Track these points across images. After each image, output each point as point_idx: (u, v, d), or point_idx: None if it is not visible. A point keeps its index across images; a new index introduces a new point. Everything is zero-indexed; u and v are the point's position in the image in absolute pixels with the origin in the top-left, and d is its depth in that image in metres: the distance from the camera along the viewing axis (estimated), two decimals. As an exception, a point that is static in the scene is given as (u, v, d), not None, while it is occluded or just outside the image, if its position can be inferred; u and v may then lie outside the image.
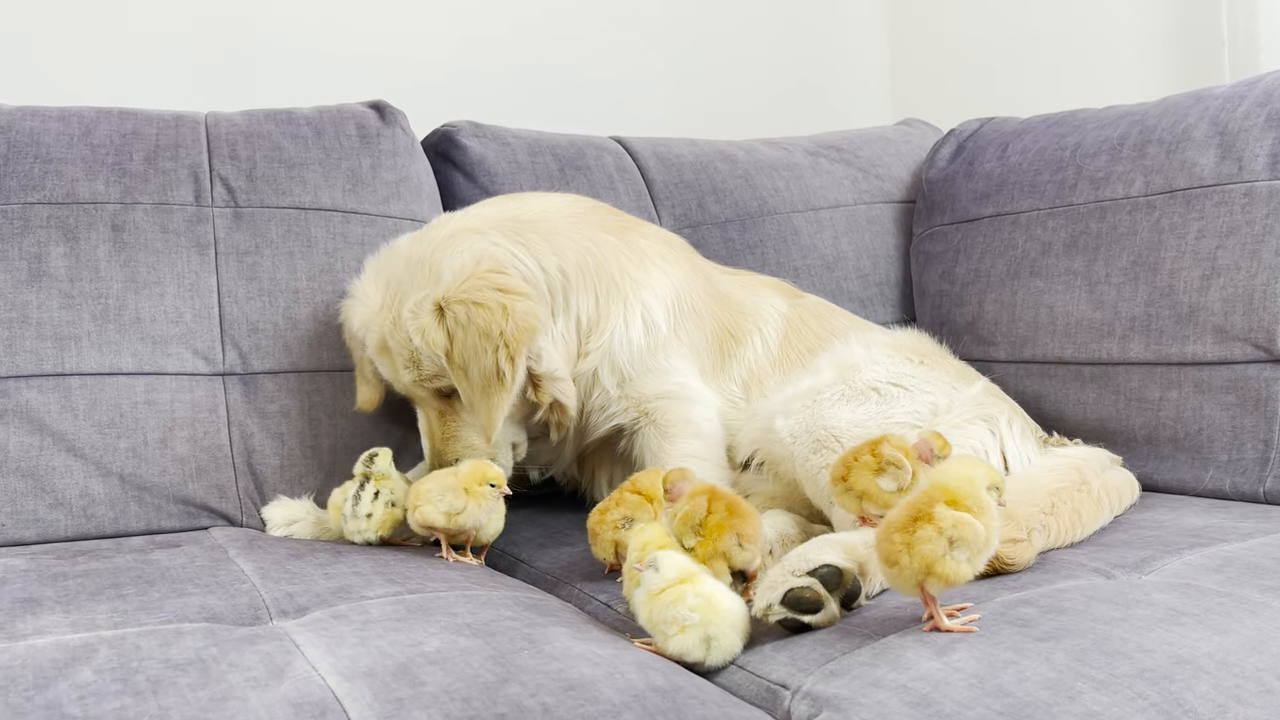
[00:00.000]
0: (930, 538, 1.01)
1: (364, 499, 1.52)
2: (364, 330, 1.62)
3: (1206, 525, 1.39)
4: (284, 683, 0.93)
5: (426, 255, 1.56)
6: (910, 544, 1.01)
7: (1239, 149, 1.70)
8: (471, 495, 1.42)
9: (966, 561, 1.02)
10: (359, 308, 1.63)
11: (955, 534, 1.01)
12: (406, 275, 1.57)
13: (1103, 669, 0.91)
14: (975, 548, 1.02)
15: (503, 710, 0.89)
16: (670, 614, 1.09)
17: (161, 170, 1.78)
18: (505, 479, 1.45)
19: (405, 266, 1.58)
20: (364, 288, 1.64)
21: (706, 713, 0.93)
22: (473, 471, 1.43)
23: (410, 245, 1.62)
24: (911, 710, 0.89)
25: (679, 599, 1.10)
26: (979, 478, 1.04)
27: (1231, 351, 1.63)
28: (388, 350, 1.58)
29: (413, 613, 1.15)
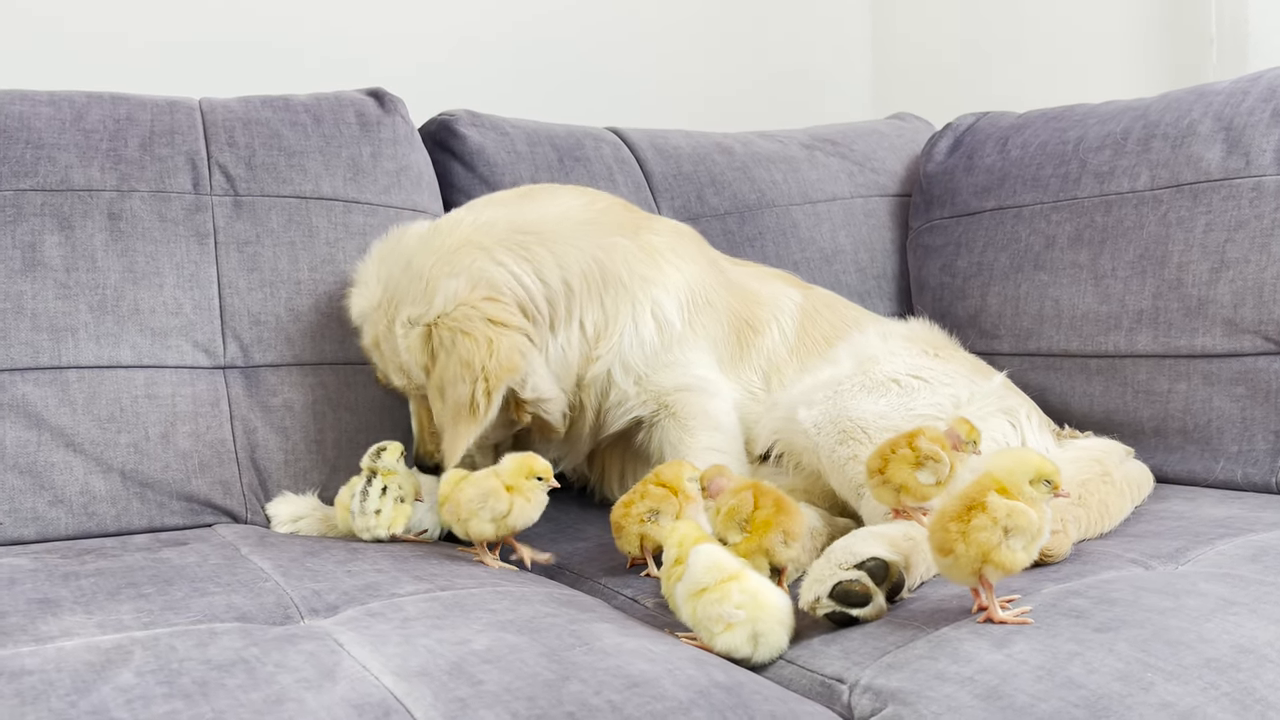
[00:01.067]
0: (986, 526, 1.00)
1: (372, 495, 1.48)
2: (361, 321, 1.63)
3: (1228, 515, 1.40)
4: (337, 683, 0.90)
5: (427, 269, 1.54)
6: (966, 532, 1.01)
7: (1245, 143, 1.72)
8: (517, 492, 1.35)
9: (1022, 550, 1.01)
10: (359, 298, 1.63)
11: (1010, 523, 1.01)
12: (405, 283, 1.55)
13: (1169, 660, 0.91)
14: (1030, 536, 1.01)
15: (570, 709, 0.86)
16: (716, 611, 1.08)
17: (158, 157, 1.73)
18: (552, 471, 1.39)
19: (405, 273, 1.56)
20: (366, 277, 1.63)
21: (773, 708, 0.91)
22: (516, 466, 1.37)
23: (417, 248, 1.59)
24: (983, 704, 0.89)
25: (724, 596, 1.08)
26: (1022, 469, 1.04)
27: (1241, 344, 1.65)
28: (379, 349, 1.60)
29: (450, 610, 1.12)
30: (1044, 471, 1.04)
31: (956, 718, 0.88)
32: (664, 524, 1.35)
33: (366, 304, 1.61)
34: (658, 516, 1.35)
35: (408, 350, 1.53)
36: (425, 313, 1.52)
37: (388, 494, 1.47)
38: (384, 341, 1.58)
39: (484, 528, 1.36)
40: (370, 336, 1.61)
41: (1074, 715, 0.85)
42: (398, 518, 1.48)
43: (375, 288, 1.60)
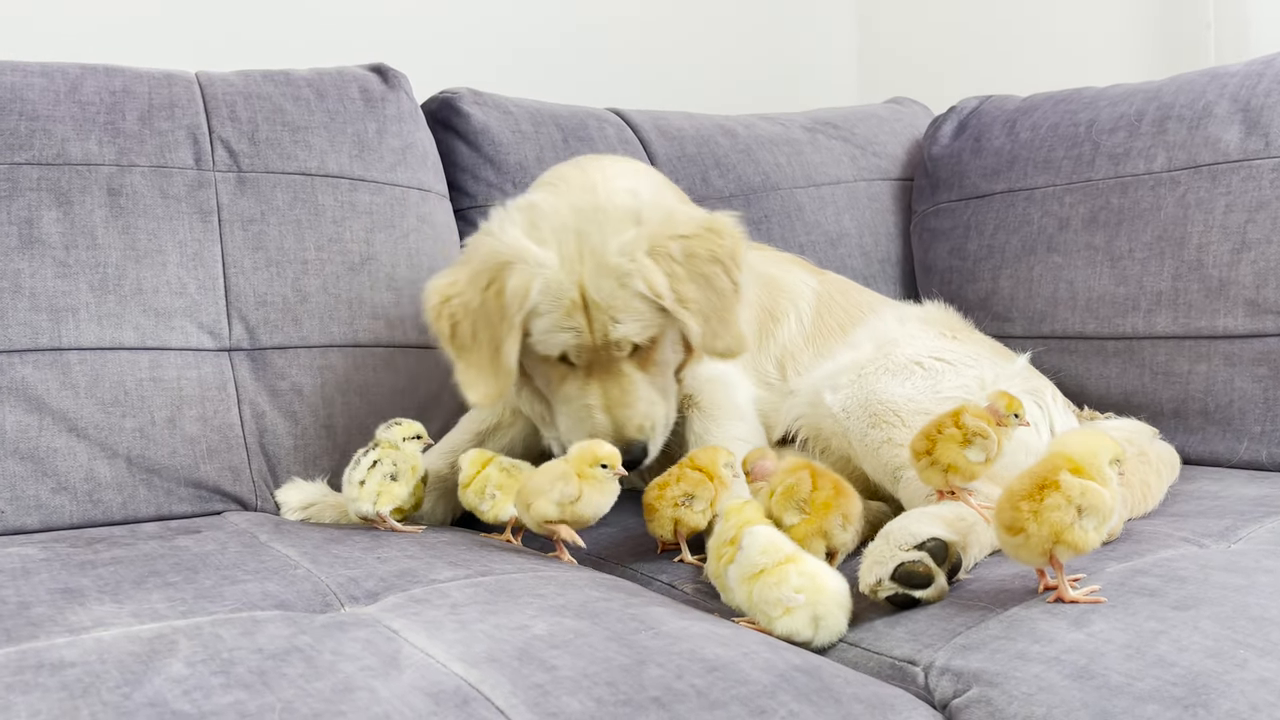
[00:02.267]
0: (1059, 505, 0.98)
1: (361, 465, 1.41)
2: (545, 296, 1.40)
3: (1263, 495, 1.39)
4: (404, 671, 0.85)
5: (605, 202, 1.44)
6: (1038, 511, 0.98)
7: (1264, 124, 1.72)
8: (585, 480, 1.27)
9: (1094, 530, 0.99)
10: (530, 275, 1.40)
11: (1084, 502, 0.98)
12: (592, 226, 1.41)
13: (1258, 636, 0.89)
14: (1102, 516, 0.99)
15: (654, 694, 0.83)
16: (775, 595, 1.05)
17: (158, 131, 1.66)
18: (619, 458, 1.29)
19: (582, 218, 1.43)
20: (523, 254, 1.42)
21: (855, 691, 0.88)
22: (582, 453, 1.28)
23: (571, 199, 1.47)
24: (1075, 683, 0.86)
25: (783, 579, 1.05)
26: (1102, 449, 1.02)
27: (1264, 324, 1.65)
28: (583, 309, 1.40)
29: (497, 596, 1.08)
30: (1118, 453, 1.02)
31: (1049, 698, 0.86)
32: (698, 509, 1.31)
33: (549, 273, 1.40)
34: (692, 501, 1.31)
35: (643, 275, 1.39)
36: (641, 232, 1.40)
37: (378, 468, 1.39)
38: (597, 291, 1.39)
39: (548, 509, 1.28)
40: (569, 302, 1.40)
41: (1173, 693, 0.83)
42: (383, 495, 1.40)
43: (548, 255, 1.41)
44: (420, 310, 1.78)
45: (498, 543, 1.41)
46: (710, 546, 1.17)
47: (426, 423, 1.74)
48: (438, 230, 1.87)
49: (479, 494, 1.47)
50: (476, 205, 1.99)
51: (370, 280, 1.74)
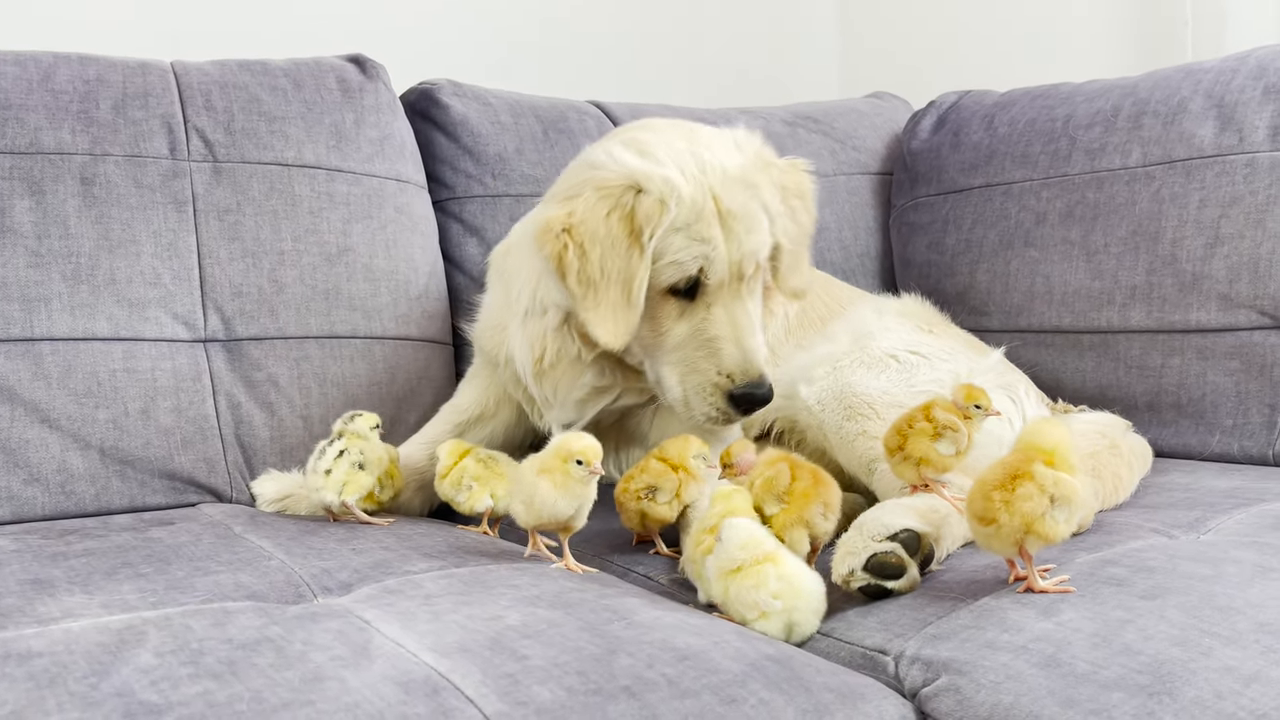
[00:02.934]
0: (1031, 495, 0.99)
1: (327, 455, 1.39)
2: (681, 208, 1.32)
3: (1234, 487, 1.41)
4: (374, 661, 0.85)
5: (704, 134, 1.42)
6: (1010, 501, 0.99)
7: (1238, 121, 1.73)
8: (551, 476, 1.17)
9: (1064, 521, 1.00)
10: (662, 190, 1.32)
11: (1056, 492, 0.99)
12: (704, 150, 1.37)
13: (1222, 625, 0.90)
14: (1074, 507, 1.00)
15: (625, 683, 0.83)
16: (752, 598, 1.04)
17: (132, 120, 1.64)
18: (598, 453, 1.18)
19: (693, 143, 1.38)
20: (648, 173, 1.33)
21: (826, 680, 0.89)
22: (556, 448, 1.18)
23: (668, 133, 1.42)
24: (1042, 672, 0.87)
25: (761, 582, 1.04)
26: (1072, 441, 1.03)
27: (1236, 318, 1.66)
28: (718, 219, 1.33)
29: (471, 587, 1.08)
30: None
31: (1016, 686, 0.86)
32: (662, 501, 1.30)
33: (684, 184, 1.32)
34: (656, 494, 1.30)
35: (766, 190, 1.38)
36: (757, 158, 1.39)
37: (344, 457, 1.38)
38: (734, 197, 1.34)
39: (515, 508, 1.21)
40: (705, 212, 1.33)
41: (1138, 681, 0.84)
42: (350, 484, 1.38)
43: (674, 170, 1.34)
44: (399, 299, 1.78)
45: (474, 534, 1.41)
46: (690, 534, 1.16)
47: (404, 414, 1.76)
48: (416, 221, 1.86)
49: (455, 485, 1.46)
50: (455, 197, 1.99)
51: (347, 271, 1.73)
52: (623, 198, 1.32)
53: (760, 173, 1.39)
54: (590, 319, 1.33)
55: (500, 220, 1.97)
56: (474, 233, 1.97)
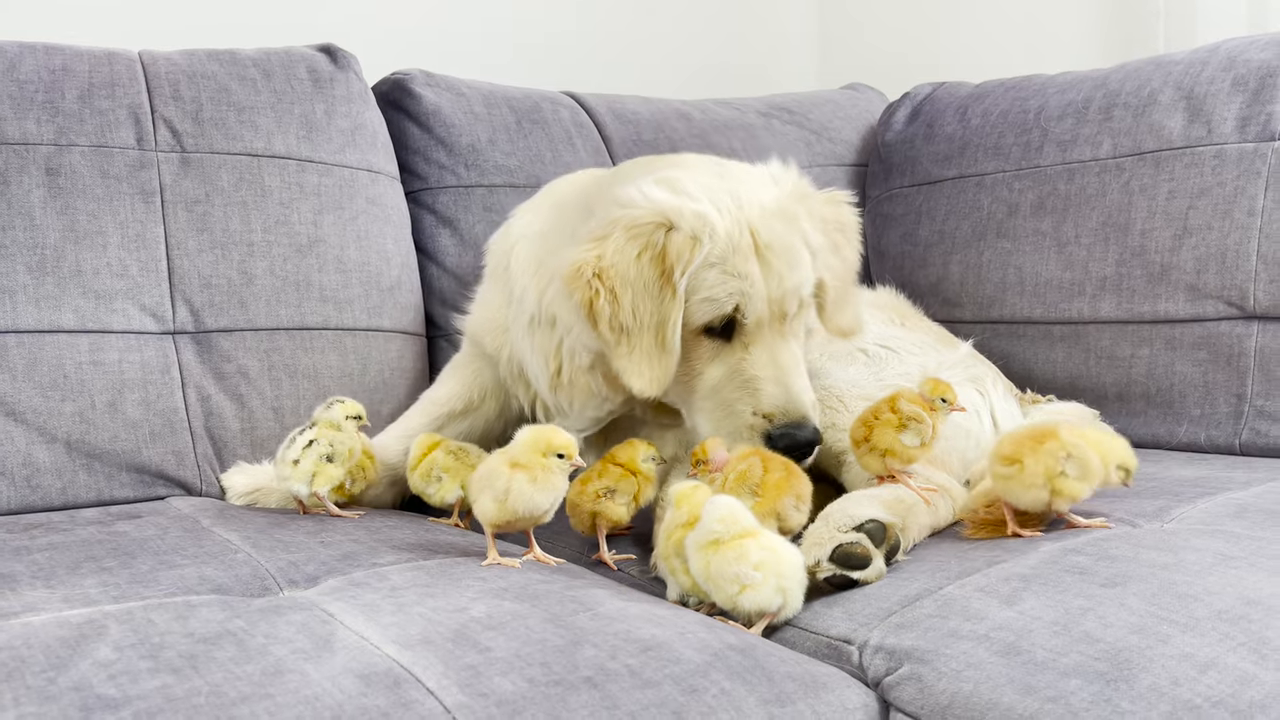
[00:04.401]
0: (1055, 452, 1.13)
1: (297, 444, 1.38)
2: (716, 243, 1.27)
3: (1199, 476, 1.42)
4: (336, 654, 0.85)
5: (737, 169, 1.41)
6: (1037, 451, 1.12)
7: (1207, 112, 1.74)
8: (526, 470, 1.13)
9: (1076, 479, 1.13)
10: (696, 225, 1.27)
11: (1074, 452, 1.12)
12: (738, 185, 1.34)
13: (1181, 612, 0.91)
14: (1083, 468, 1.13)
15: (587, 673, 0.83)
16: (733, 570, 1.01)
17: (98, 110, 1.63)
18: (576, 447, 1.15)
19: (726, 179, 1.35)
20: (680, 209, 1.28)
21: (789, 669, 0.89)
22: (534, 439, 1.14)
23: (699, 169, 1.39)
24: (1002, 659, 0.88)
25: (742, 555, 1.01)
26: (1114, 450, 1.16)
27: (1204, 309, 1.68)
28: (755, 253, 1.29)
29: (438, 579, 1.08)
30: (1124, 460, 1.17)
31: (977, 674, 0.87)
32: (620, 502, 1.29)
33: (719, 219, 1.28)
34: (614, 494, 1.30)
35: (805, 224, 1.34)
36: (794, 191, 1.36)
37: (313, 448, 1.37)
38: (772, 229, 1.30)
39: (484, 505, 1.15)
40: (742, 246, 1.28)
41: (1096, 668, 0.84)
42: (319, 475, 1.37)
43: (708, 205, 1.30)
44: (371, 291, 1.77)
45: (444, 526, 1.40)
46: (660, 531, 1.15)
47: (378, 406, 1.75)
48: (388, 212, 1.85)
49: (425, 477, 1.46)
50: (428, 187, 1.98)
51: (318, 262, 1.72)
52: (653, 236, 1.26)
53: (798, 204, 1.34)
54: (624, 368, 1.27)
55: (474, 210, 1.97)
56: (447, 224, 1.96)
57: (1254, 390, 1.62)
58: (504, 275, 1.55)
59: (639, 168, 1.44)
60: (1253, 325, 1.63)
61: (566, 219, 1.44)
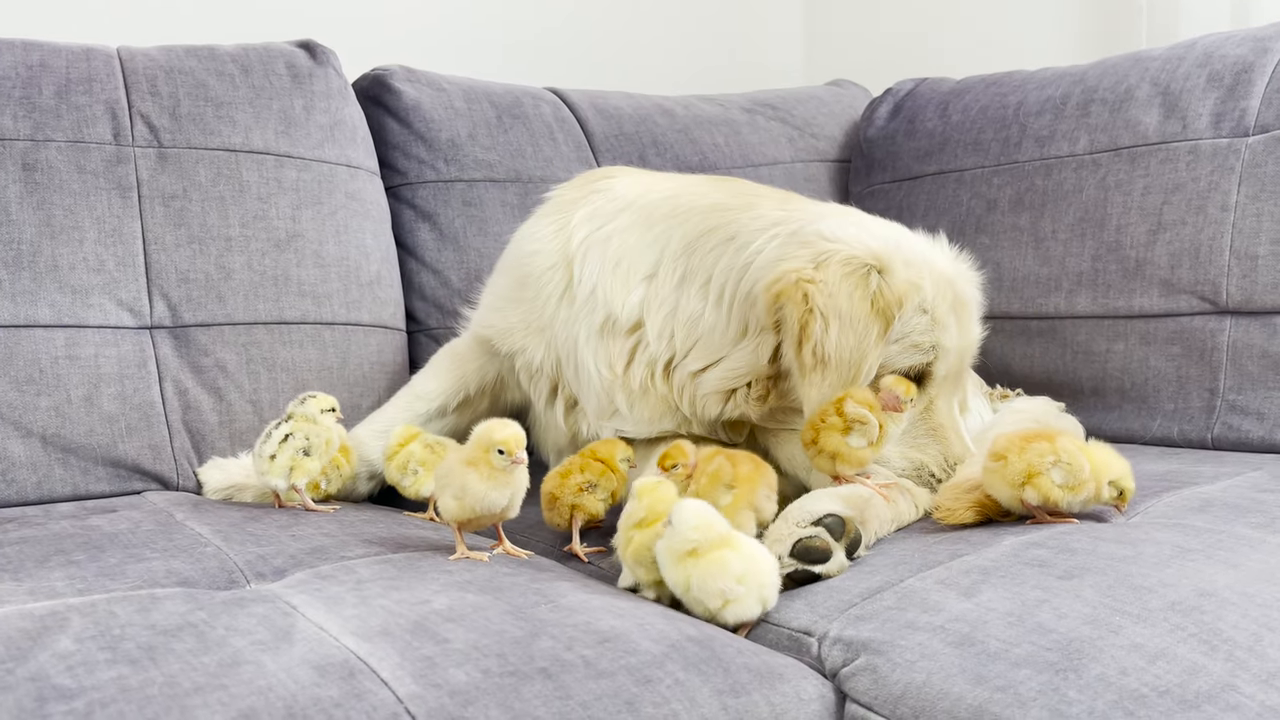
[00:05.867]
0: (1044, 452, 1.13)
1: (273, 437, 1.38)
2: (936, 289, 1.31)
3: (1168, 470, 1.43)
4: (294, 645, 0.86)
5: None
6: (1024, 449, 1.13)
7: (1182, 108, 1.75)
8: (477, 469, 1.13)
9: (1061, 485, 1.13)
10: (919, 271, 1.31)
11: (1063, 458, 1.12)
12: (905, 235, 1.40)
13: (1134, 603, 0.92)
14: (1072, 477, 1.13)
15: (542, 664, 0.84)
16: (716, 586, 1.01)
17: (75, 106, 1.63)
18: (523, 440, 1.14)
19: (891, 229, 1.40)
20: (895, 252, 1.32)
21: (746, 660, 0.90)
22: (480, 436, 1.14)
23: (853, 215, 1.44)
24: (956, 650, 0.88)
25: (723, 569, 1.01)
26: (1110, 468, 1.16)
27: (1178, 304, 1.69)
28: (953, 307, 1.34)
29: (404, 572, 1.09)
30: (1120, 477, 1.17)
31: (930, 664, 0.88)
32: (600, 496, 1.30)
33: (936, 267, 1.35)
34: (595, 489, 1.30)
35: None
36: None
37: (290, 442, 1.37)
38: (970, 280, 1.42)
39: (445, 502, 1.16)
40: (950, 297, 1.33)
41: (1047, 658, 0.85)
42: (296, 470, 1.37)
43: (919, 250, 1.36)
44: (350, 285, 1.77)
45: (418, 520, 1.41)
46: (620, 527, 1.16)
47: (358, 399, 1.76)
48: (367, 207, 1.85)
49: (401, 469, 1.47)
50: (407, 182, 1.98)
51: (297, 257, 1.73)
52: (868, 277, 1.27)
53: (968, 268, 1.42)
54: (809, 395, 1.26)
55: (453, 205, 1.97)
56: (426, 218, 1.97)
57: (1226, 385, 1.63)
58: (550, 277, 1.51)
59: (765, 199, 1.45)
60: (1225, 320, 1.64)
61: (671, 235, 1.43)
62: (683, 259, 1.40)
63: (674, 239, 1.42)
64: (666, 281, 1.41)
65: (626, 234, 1.46)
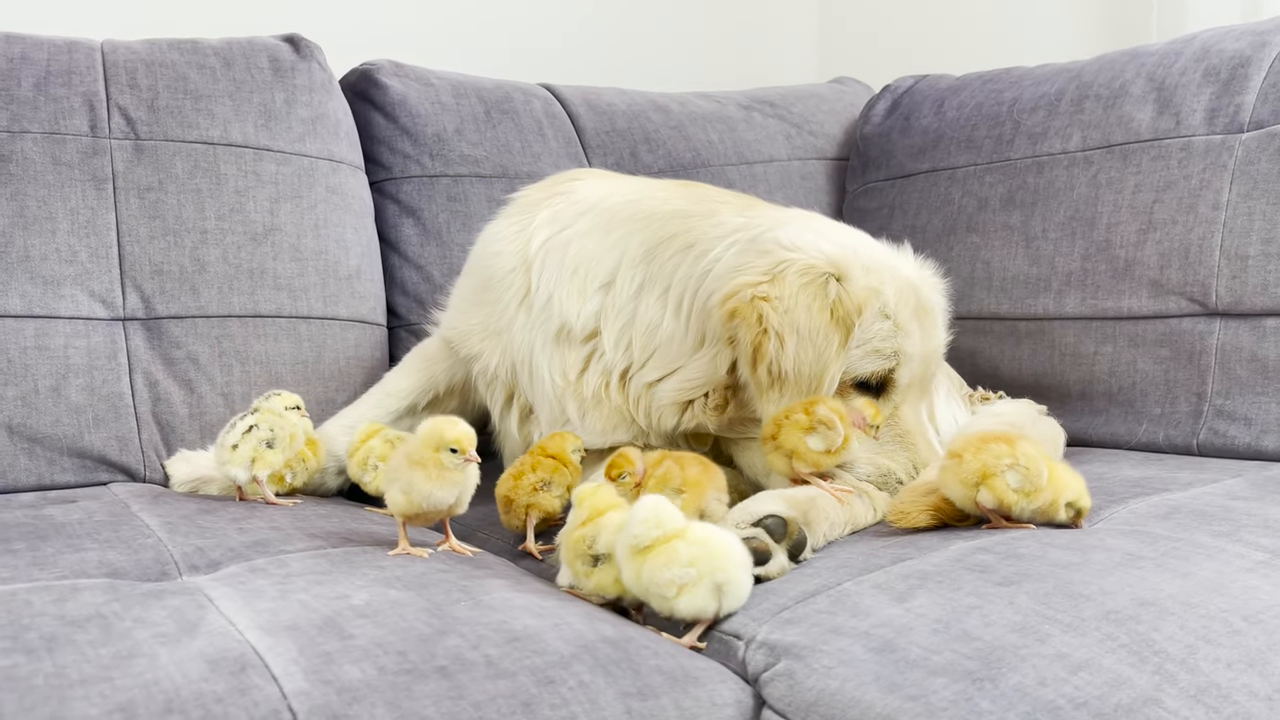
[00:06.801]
0: (1001, 454, 1.09)
1: (237, 429, 1.37)
2: (896, 295, 1.28)
3: (1145, 476, 1.38)
4: (196, 638, 0.84)
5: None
6: (980, 449, 1.09)
7: (1176, 104, 1.70)
8: (424, 468, 1.11)
9: (1015, 489, 1.09)
10: (878, 276, 1.29)
11: (1020, 461, 1.09)
12: (864, 242, 1.37)
13: (1068, 612, 0.88)
14: (1029, 482, 1.09)
15: (442, 663, 0.82)
16: (666, 575, 0.96)
17: (53, 98, 1.64)
18: (473, 439, 1.12)
19: (853, 235, 1.38)
20: (852, 259, 1.29)
21: (660, 663, 0.87)
22: (427, 435, 1.11)
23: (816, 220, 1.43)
24: (875, 656, 0.85)
25: (671, 558, 0.96)
26: (1068, 486, 1.12)
27: (1167, 305, 1.63)
28: (916, 313, 1.31)
29: (337, 566, 1.07)
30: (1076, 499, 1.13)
31: (846, 671, 0.85)
32: (555, 494, 1.28)
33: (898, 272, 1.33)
34: (549, 486, 1.28)
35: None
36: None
37: (253, 433, 1.36)
38: (935, 287, 1.40)
39: (393, 496, 1.14)
40: (913, 302, 1.31)
41: (966, 667, 0.82)
42: (258, 461, 1.36)
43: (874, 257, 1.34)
44: (328, 279, 1.76)
45: (378, 515, 1.40)
46: (562, 534, 1.12)
47: (333, 394, 1.75)
48: (349, 201, 1.85)
49: (361, 465, 1.46)
50: (392, 177, 1.97)
51: (274, 250, 1.72)
52: (826, 286, 1.24)
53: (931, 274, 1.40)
54: (769, 412, 1.24)
55: (437, 200, 1.96)
56: (410, 213, 1.96)
57: (1214, 389, 1.58)
58: (510, 280, 1.48)
59: (727, 205, 1.41)
60: (1214, 322, 1.59)
61: (630, 242, 1.40)
62: (641, 266, 1.38)
63: (633, 245, 1.39)
64: (624, 290, 1.38)
65: (586, 239, 1.43)
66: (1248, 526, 1.09)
